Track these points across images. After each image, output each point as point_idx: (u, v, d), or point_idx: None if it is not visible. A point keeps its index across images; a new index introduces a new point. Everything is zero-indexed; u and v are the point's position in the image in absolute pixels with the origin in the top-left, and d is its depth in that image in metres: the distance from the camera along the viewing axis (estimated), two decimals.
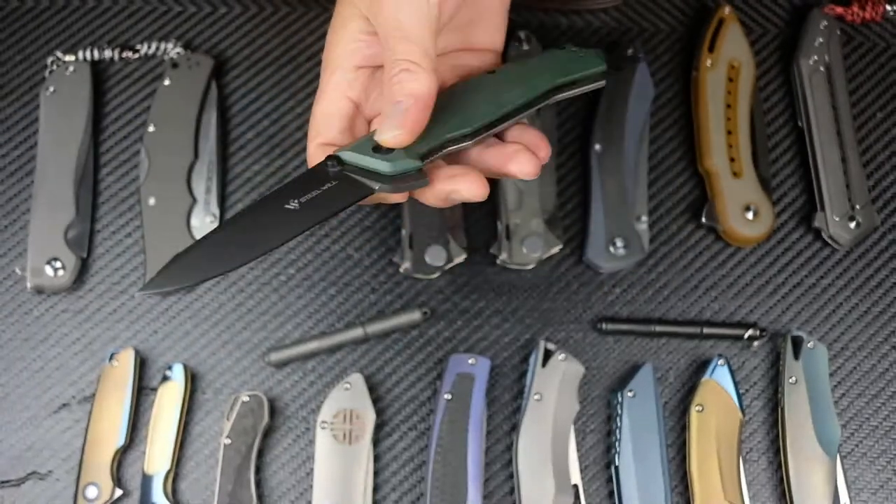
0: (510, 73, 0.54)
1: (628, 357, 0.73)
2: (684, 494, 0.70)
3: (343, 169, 0.50)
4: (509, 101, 0.53)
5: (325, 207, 0.49)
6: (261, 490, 0.70)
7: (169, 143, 0.75)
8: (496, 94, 0.53)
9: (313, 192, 0.50)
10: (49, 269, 0.72)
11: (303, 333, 0.73)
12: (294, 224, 0.49)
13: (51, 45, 0.79)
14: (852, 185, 0.75)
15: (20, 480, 0.70)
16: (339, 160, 0.50)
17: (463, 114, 0.52)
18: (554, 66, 0.55)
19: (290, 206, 0.49)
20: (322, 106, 0.53)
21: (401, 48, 0.48)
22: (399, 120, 0.48)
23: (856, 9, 0.80)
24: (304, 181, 0.50)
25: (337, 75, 0.53)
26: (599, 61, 0.55)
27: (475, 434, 0.69)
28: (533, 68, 0.55)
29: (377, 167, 0.49)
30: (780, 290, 0.75)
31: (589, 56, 0.56)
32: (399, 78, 0.48)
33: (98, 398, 0.70)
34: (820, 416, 0.69)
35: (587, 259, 0.74)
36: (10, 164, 0.77)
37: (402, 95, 0.48)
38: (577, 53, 0.56)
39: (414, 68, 0.48)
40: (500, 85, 0.53)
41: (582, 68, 0.55)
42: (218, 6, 0.81)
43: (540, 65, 0.55)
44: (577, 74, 0.55)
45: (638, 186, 0.75)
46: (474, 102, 0.52)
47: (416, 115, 0.48)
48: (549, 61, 0.55)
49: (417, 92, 0.48)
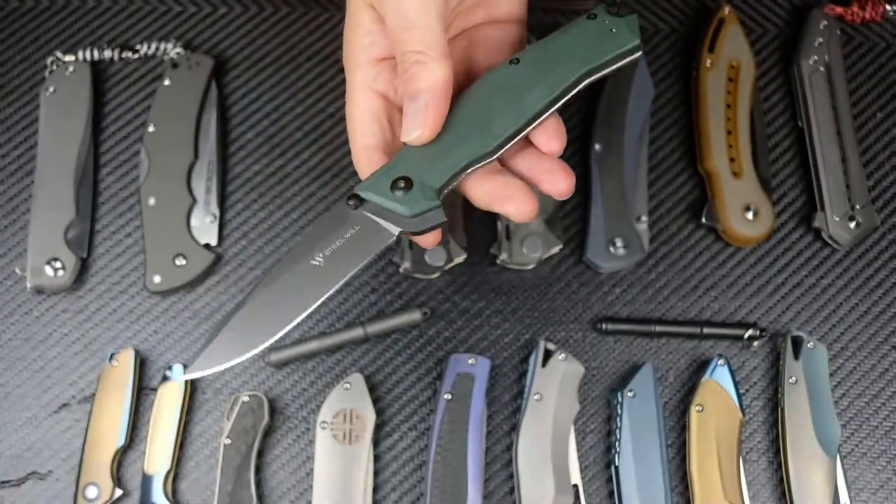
0: (531, 63, 0.50)
1: (628, 357, 0.73)
2: (684, 494, 0.70)
3: (364, 207, 0.49)
4: (533, 104, 0.50)
5: (350, 261, 0.49)
6: (261, 490, 0.70)
7: (169, 143, 0.75)
8: (517, 95, 0.50)
9: (337, 243, 0.49)
10: (49, 269, 0.72)
11: (303, 333, 0.73)
12: (323, 284, 0.49)
13: (51, 45, 0.79)
14: (852, 185, 0.75)
15: (20, 480, 0.70)
16: (359, 199, 0.49)
17: (481, 128, 0.49)
18: (581, 46, 0.50)
19: (316, 262, 0.49)
20: (354, 108, 0.52)
21: (407, 38, 0.47)
22: (420, 118, 0.48)
23: (856, 9, 0.80)
24: (327, 224, 0.50)
25: (360, 73, 0.52)
26: (631, 33, 0.50)
27: (475, 434, 0.69)
28: (557, 53, 0.50)
29: (396, 209, 0.49)
30: (780, 290, 0.75)
31: (619, 27, 0.50)
32: (412, 72, 0.47)
33: (98, 398, 0.70)
34: (820, 416, 0.69)
35: (587, 259, 0.74)
36: (10, 164, 0.77)
37: (419, 90, 0.47)
38: (606, 25, 0.51)
39: (425, 59, 0.47)
40: (520, 82, 0.50)
41: (614, 46, 0.50)
42: (218, 6, 0.81)
43: (565, 47, 0.50)
44: (609, 55, 0.50)
45: (638, 186, 0.75)
46: (493, 110, 0.49)
47: (436, 109, 0.48)
48: (575, 40, 0.51)
49: (433, 85, 0.47)
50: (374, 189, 0.49)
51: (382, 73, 0.52)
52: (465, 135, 0.49)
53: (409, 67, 0.47)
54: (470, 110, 0.50)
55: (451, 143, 0.49)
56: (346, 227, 0.49)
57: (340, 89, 0.79)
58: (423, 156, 0.49)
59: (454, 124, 0.49)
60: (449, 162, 0.49)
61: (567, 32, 0.51)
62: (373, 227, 0.49)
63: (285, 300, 0.49)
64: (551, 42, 0.51)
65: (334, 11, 0.81)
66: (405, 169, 0.49)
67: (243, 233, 0.75)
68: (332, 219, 0.50)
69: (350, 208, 0.49)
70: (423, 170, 0.49)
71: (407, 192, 0.49)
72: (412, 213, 0.49)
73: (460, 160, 0.49)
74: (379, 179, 0.49)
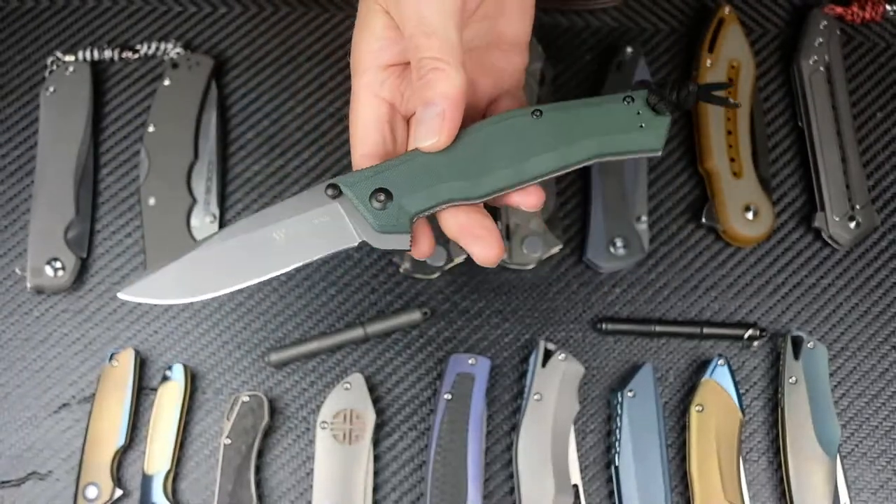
0: (552, 125, 0.49)
1: (628, 357, 0.73)
2: (684, 494, 0.70)
3: (340, 199, 0.49)
4: (537, 169, 0.49)
5: (307, 250, 0.49)
6: (261, 490, 0.70)
7: (169, 143, 0.75)
8: (525, 154, 0.49)
9: (302, 226, 0.49)
10: (49, 269, 0.72)
11: (303, 333, 0.73)
12: (274, 262, 0.49)
13: (51, 45, 0.79)
14: (852, 185, 0.75)
15: (20, 480, 0.70)
16: (338, 189, 0.49)
17: (478, 174, 0.48)
18: (606, 129, 0.49)
19: (276, 237, 0.49)
20: (358, 113, 0.51)
21: (426, 45, 0.47)
22: (436, 125, 0.47)
23: (856, 9, 0.80)
24: (303, 202, 0.50)
25: (367, 78, 0.51)
26: (658, 137, 0.49)
27: (475, 434, 0.69)
28: (581, 127, 0.49)
29: (366, 218, 0.49)
30: (780, 290, 0.75)
31: (650, 125, 0.49)
32: (429, 78, 0.47)
33: (98, 398, 0.70)
34: (820, 416, 0.69)
35: (587, 259, 0.74)
36: (10, 164, 0.77)
37: (435, 98, 0.47)
38: (639, 117, 0.49)
39: (442, 66, 0.47)
40: (533, 143, 0.49)
41: (636, 145, 0.49)
42: (218, 6, 0.81)
43: (590, 123, 0.49)
44: (628, 150, 0.49)
45: (638, 186, 0.75)
46: (496, 159, 0.49)
47: (452, 117, 0.47)
48: (603, 120, 0.49)
49: (450, 92, 0.47)
50: (353, 189, 0.49)
51: (389, 78, 0.51)
52: (460, 173, 0.49)
53: (426, 74, 0.47)
54: (474, 148, 0.49)
55: (443, 176, 0.49)
56: (316, 213, 0.49)
57: (340, 89, 0.79)
58: (411, 175, 0.49)
59: (453, 157, 0.49)
60: (433, 193, 0.49)
61: (599, 107, 0.49)
62: (340, 224, 0.49)
63: (234, 263, 0.49)
64: (579, 111, 0.49)
65: (334, 11, 0.81)
66: (390, 181, 0.49)
67: None
68: (308, 198, 0.50)
69: (327, 195, 0.49)
70: (406, 191, 0.49)
71: (383, 207, 0.49)
72: (380, 229, 0.49)
73: (445, 196, 0.49)
74: (362, 181, 0.49)
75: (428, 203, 0.49)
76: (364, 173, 0.49)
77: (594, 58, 0.80)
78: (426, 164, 0.49)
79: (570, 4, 0.80)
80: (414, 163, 0.49)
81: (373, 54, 0.51)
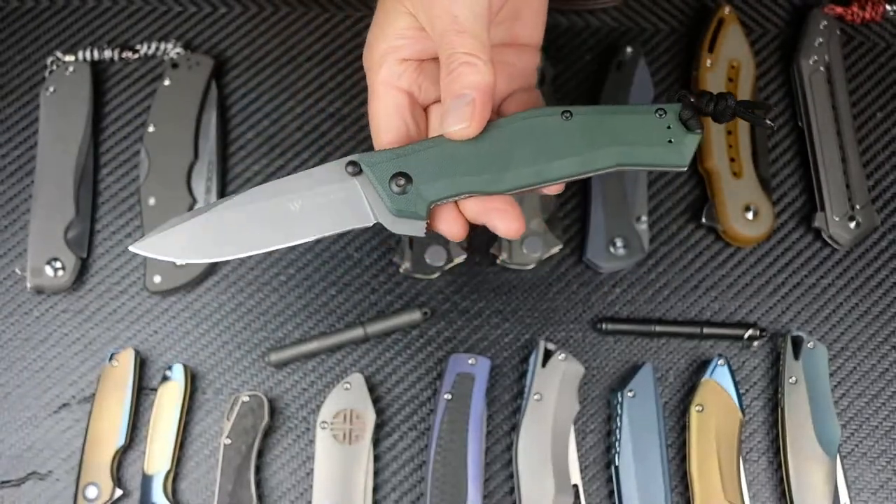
0: (581, 129, 0.48)
1: (628, 357, 0.73)
2: (684, 494, 0.70)
3: (359, 177, 0.49)
4: (560, 171, 0.49)
5: (323, 224, 0.49)
6: (261, 490, 0.70)
7: (169, 143, 0.75)
8: (550, 156, 0.48)
9: (320, 199, 0.49)
10: (49, 269, 0.72)
11: (303, 333, 0.73)
12: (289, 232, 0.49)
13: (51, 45, 0.79)
14: (852, 185, 0.75)
15: (20, 480, 0.70)
16: (358, 167, 0.49)
17: (500, 169, 0.49)
18: (634, 140, 0.48)
19: (293, 208, 0.49)
20: (377, 104, 0.52)
21: (458, 41, 0.47)
22: (467, 112, 0.47)
23: (856, 9, 0.80)
24: (323, 175, 0.50)
25: (384, 70, 0.52)
26: (684, 155, 0.48)
27: (475, 434, 0.69)
28: (610, 134, 0.48)
29: (383, 199, 0.49)
30: (780, 290, 0.75)
31: (680, 141, 0.48)
32: (460, 71, 0.47)
33: (98, 398, 0.70)
34: (820, 416, 0.69)
35: (587, 259, 0.74)
36: (10, 164, 0.77)
37: (466, 88, 0.47)
38: (669, 132, 0.48)
39: (474, 60, 0.47)
40: (561, 146, 0.48)
41: (662, 160, 0.48)
42: (218, 6, 0.81)
43: (620, 132, 0.48)
44: (653, 164, 0.49)
45: (638, 186, 0.75)
46: (520, 157, 0.48)
47: (482, 107, 0.47)
48: (633, 130, 0.48)
49: (481, 84, 0.47)
50: (374, 169, 0.49)
51: (407, 71, 0.52)
52: (483, 166, 0.49)
53: (456, 67, 0.47)
54: (500, 143, 0.49)
55: (465, 167, 0.49)
56: (334, 188, 0.50)
57: (340, 89, 0.79)
58: (433, 163, 0.49)
59: (478, 150, 0.49)
60: (454, 183, 0.49)
61: (630, 116, 0.49)
62: (357, 202, 0.50)
63: (248, 229, 0.49)
64: (609, 118, 0.49)
65: (334, 11, 0.81)
66: (411, 166, 0.49)
67: None
68: (327, 172, 0.50)
69: (347, 172, 0.49)
70: (427, 178, 0.49)
71: (402, 192, 0.49)
72: (396, 213, 0.49)
73: (465, 187, 0.49)
74: (383, 163, 0.49)
75: (447, 192, 0.49)
76: (386, 154, 0.49)
77: (594, 58, 0.80)
78: (450, 153, 0.49)
79: (570, 4, 0.80)
80: (437, 151, 0.49)
81: (392, 49, 0.51)
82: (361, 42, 0.79)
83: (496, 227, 0.50)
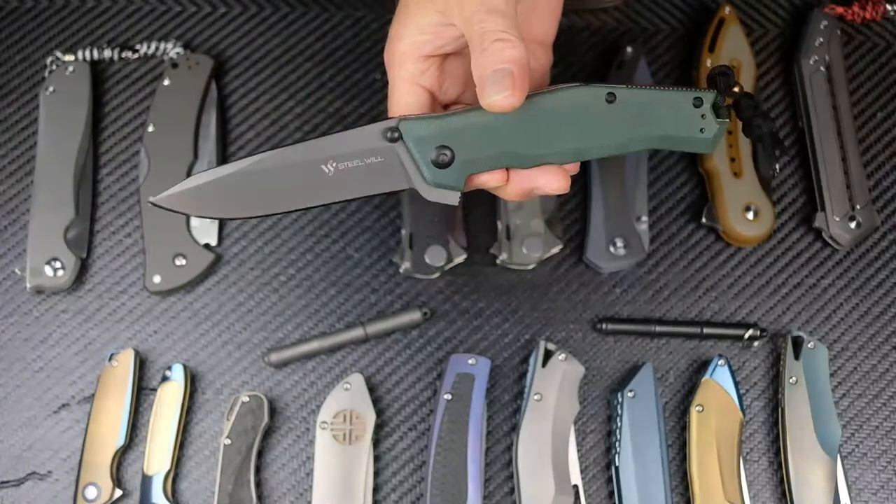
0: (622, 113, 0.49)
1: (628, 357, 0.73)
2: (684, 494, 0.70)
3: (397, 142, 0.49)
4: (596, 151, 0.49)
5: (357, 187, 0.49)
6: (261, 490, 0.70)
7: (169, 143, 0.75)
8: (587, 136, 0.49)
9: (354, 162, 0.49)
10: (49, 269, 0.72)
11: (303, 333, 0.73)
12: (321, 193, 0.49)
13: (51, 45, 0.79)
14: (852, 185, 0.75)
15: (20, 480, 0.70)
16: (399, 135, 0.49)
17: (537, 146, 0.49)
18: (668, 126, 0.49)
19: (326, 170, 0.49)
20: (399, 100, 0.52)
21: (491, 20, 0.47)
22: (508, 82, 0.46)
23: (856, 9, 0.80)
24: (359, 140, 0.49)
25: (408, 67, 0.51)
26: (712, 143, 0.49)
27: (475, 434, 0.68)
28: (647, 119, 0.49)
29: (421, 168, 0.49)
30: (780, 290, 0.75)
31: (710, 130, 0.49)
32: (496, 47, 0.46)
33: (98, 398, 0.70)
34: (820, 417, 0.69)
35: (587, 259, 0.74)
36: (10, 164, 0.77)
37: (503, 62, 0.46)
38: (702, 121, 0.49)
39: (507, 37, 0.47)
40: (602, 129, 0.49)
41: (690, 144, 0.49)
42: (218, 6, 0.81)
43: (657, 117, 0.49)
44: (679, 147, 0.50)
45: (638, 186, 0.75)
46: (557, 136, 0.49)
47: (522, 78, 0.46)
48: (670, 116, 0.49)
49: (518, 58, 0.46)
50: (418, 142, 0.49)
51: (430, 69, 0.52)
52: (522, 141, 0.49)
53: (491, 44, 0.47)
54: (541, 120, 0.49)
55: (505, 142, 0.48)
56: (371, 151, 0.49)
57: (340, 89, 0.79)
58: (475, 137, 0.48)
59: (519, 124, 0.48)
60: (494, 158, 0.49)
61: (669, 103, 0.49)
62: (394, 168, 0.49)
63: (277, 188, 0.49)
64: (650, 103, 0.49)
65: (334, 11, 0.81)
66: (453, 139, 0.48)
67: (243, 233, 0.75)
68: (366, 136, 0.49)
69: (385, 137, 0.49)
70: (468, 151, 0.49)
71: (444, 165, 0.48)
72: (432, 182, 0.49)
73: (503, 162, 0.49)
74: (428, 136, 0.49)
75: (486, 166, 0.49)
76: (428, 125, 0.49)
77: (594, 58, 0.80)
78: (491, 127, 0.48)
79: (571, 4, 0.80)
80: (479, 123, 0.48)
81: (416, 45, 0.51)
82: (361, 42, 0.80)
83: (541, 185, 0.50)
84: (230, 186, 0.49)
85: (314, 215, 0.76)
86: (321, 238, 0.75)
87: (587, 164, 0.75)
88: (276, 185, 0.49)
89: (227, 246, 0.75)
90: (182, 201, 0.49)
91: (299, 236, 0.75)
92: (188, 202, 0.49)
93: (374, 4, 0.81)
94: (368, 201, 0.76)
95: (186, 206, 0.49)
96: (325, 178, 0.49)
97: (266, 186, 0.49)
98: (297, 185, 0.49)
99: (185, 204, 0.49)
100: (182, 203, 0.49)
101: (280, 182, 0.49)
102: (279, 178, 0.49)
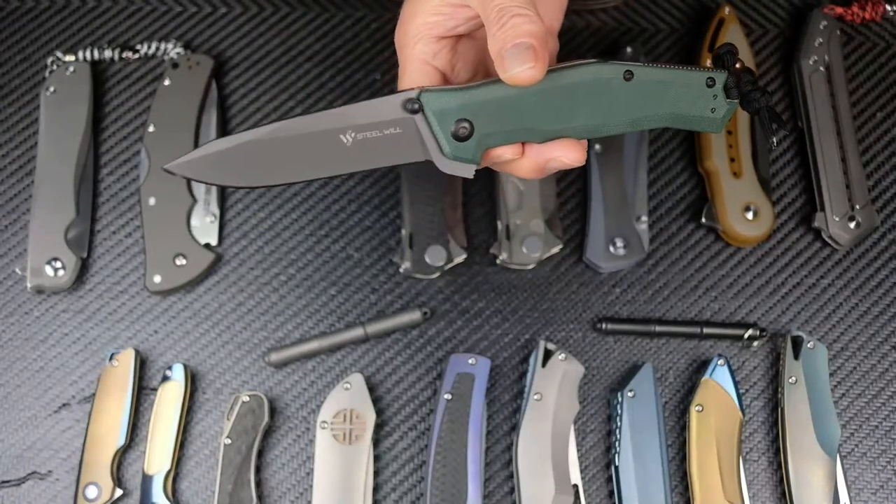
0: (639, 92, 0.49)
1: (628, 357, 0.73)
2: (684, 494, 0.70)
3: (418, 113, 0.48)
4: (610, 128, 0.50)
5: (374, 157, 0.49)
6: (261, 490, 0.70)
7: (169, 143, 0.75)
8: (604, 113, 0.49)
9: (373, 132, 0.49)
10: (49, 269, 0.72)
11: (303, 333, 0.73)
12: (337, 163, 0.49)
13: (51, 45, 0.79)
14: (852, 185, 0.75)
15: (20, 480, 0.70)
16: (419, 108, 0.48)
17: (556, 121, 0.49)
18: (681, 107, 0.49)
19: (344, 140, 0.49)
20: (409, 76, 0.51)
21: None
22: (529, 54, 0.46)
23: (856, 9, 0.80)
24: (378, 110, 0.49)
25: (419, 47, 0.51)
26: (720, 123, 0.50)
27: (475, 434, 0.69)
28: (662, 98, 0.49)
29: (440, 141, 0.49)
30: (780, 290, 0.75)
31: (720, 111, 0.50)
32: (514, 22, 0.46)
33: (98, 398, 0.70)
34: (820, 416, 0.69)
35: (587, 259, 0.74)
36: (10, 164, 0.77)
37: (523, 36, 0.46)
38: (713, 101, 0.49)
39: (526, 12, 0.46)
40: (619, 107, 0.49)
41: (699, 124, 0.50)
42: (218, 6, 0.81)
43: (671, 97, 0.49)
44: (689, 126, 0.50)
45: (638, 186, 0.75)
46: (575, 112, 0.49)
47: (543, 52, 0.46)
48: (683, 96, 0.49)
49: (537, 33, 0.46)
50: (439, 115, 0.48)
51: (442, 50, 0.52)
52: (543, 118, 0.49)
53: (509, 19, 0.46)
54: (560, 95, 0.49)
55: (525, 116, 0.48)
56: (390, 122, 0.49)
57: (340, 89, 0.79)
58: (494, 111, 0.48)
59: (538, 99, 0.48)
60: (513, 133, 0.49)
61: (684, 83, 0.49)
62: (413, 139, 0.49)
63: (294, 157, 0.48)
64: (666, 82, 0.49)
65: (334, 11, 0.81)
66: (474, 113, 0.48)
67: (243, 233, 0.75)
68: (385, 106, 0.49)
69: (405, 109, 0.49)
70: (488, 126, 0.49)
71: (463, 139, 0.48)
72: (450, 155, 0.49)
73: (521, 137, 0.49)
74: (449, 110, 0.48)
75: (503, 140, 0.49)
76: (450, 97, 0.48)
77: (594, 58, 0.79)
78: (511, 101, 0.48)
79: (571, 4, 0.80)
80: (498, 98, 0.48)
81: (428, 26, 0.51)
82: (361, 42, 0.80)
83: (557, 156, 0.50)
84: (248, 154, 0.48)
85: (314, 215, 0.76)
86: (321, 238, 0.75)
87: (587, 164, 0.75)
88: (293, 153, 0.49)
89: (227, 246, 0.75)
90: (198, 168, 0.49)
91: (299, 236, 0.75)
92: (203, 169, 0.49)
93: (374, 4, 0.81)
94: (368, 201, 0.76)
95: (201, 174, 0.49)
96: (344, 148, 0.49)
97: (283, 155, 0.49)
98: (316, 154, 0.49)
99: (200, 171, 0.49)
100: (197, 170, 0.49)
101: (298, 151, 0.49)
102: (297, 146, 0.49)
